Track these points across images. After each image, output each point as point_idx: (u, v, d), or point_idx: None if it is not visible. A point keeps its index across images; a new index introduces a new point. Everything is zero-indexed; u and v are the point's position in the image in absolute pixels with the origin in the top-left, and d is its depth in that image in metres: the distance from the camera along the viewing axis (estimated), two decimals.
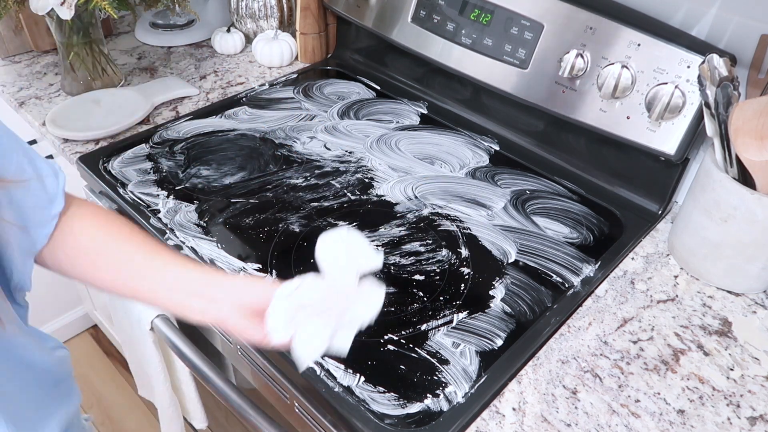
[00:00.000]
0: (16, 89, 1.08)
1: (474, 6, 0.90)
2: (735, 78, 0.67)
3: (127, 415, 1.54)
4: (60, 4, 0.87)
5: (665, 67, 0.75)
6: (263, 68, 1.18)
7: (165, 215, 0.79)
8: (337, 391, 0.58)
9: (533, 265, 0.75)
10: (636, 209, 0.85)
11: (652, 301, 0.72)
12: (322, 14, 1.15)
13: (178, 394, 0.91)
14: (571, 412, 0.59)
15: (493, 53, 0.90)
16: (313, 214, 0.81)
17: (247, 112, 1.03)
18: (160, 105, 1.04)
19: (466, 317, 0.67)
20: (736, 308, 0.71)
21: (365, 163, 0.91)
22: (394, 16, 1.01)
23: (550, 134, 0.93)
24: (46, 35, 1.18)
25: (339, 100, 1.07)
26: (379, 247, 0.74)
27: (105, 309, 1.40)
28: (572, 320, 0.69)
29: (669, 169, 0.82)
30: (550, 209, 0.84)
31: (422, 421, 0.56)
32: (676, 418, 0.59)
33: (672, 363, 0.64)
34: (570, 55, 0.81)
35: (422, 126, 1.01)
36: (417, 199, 0.84)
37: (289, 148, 0.94)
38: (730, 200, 0.68)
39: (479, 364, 0.62)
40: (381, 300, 0.48)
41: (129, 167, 0.88)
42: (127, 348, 0.96)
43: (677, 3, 0.78)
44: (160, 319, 0.77)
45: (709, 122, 0.69)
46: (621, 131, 0.81)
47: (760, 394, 0.61)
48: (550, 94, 0.85)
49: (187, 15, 1.28)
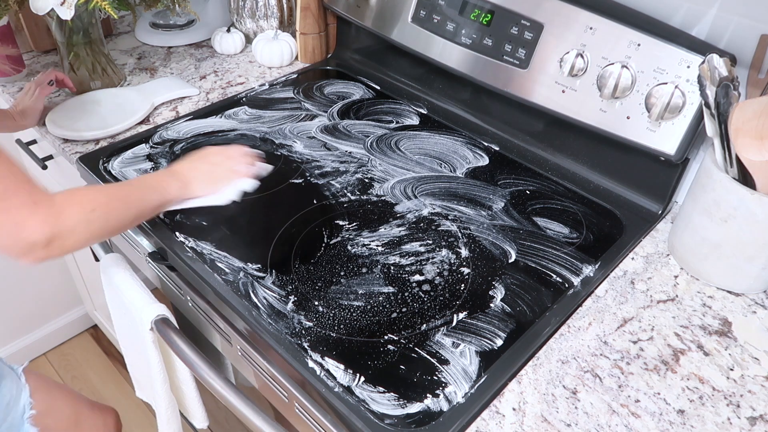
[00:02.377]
0: (16, 89, 1.08)
1: (474, 6, 0.90)
2: (735, 78, 0.67)
3: (126, 415, 1.53)
4: (60, 4, 0.87)
5: (665, 67, 0.75)
6: (263, 68, 1.18)
7: (165, 215, 0.79)
8: (337, 391, 0.58)
9: (533, 265, 0.75)
10: (636, 209, 0.85)
11: (652, 301, 0.72)
12: (322, 14, 1.15)
13: (178, 394, 0.91)
14: (571, 412, 0.59)
15: (493, 53, 0.90)
16: (314, 215, 0.81)
17: (247, 112, 1.03)
18: (160, 105, 1.04)
19: (466, 317, 0.67)
20: (736, 308, 0.71)
21: (365, 163, 0.91)
22: (394, 16, 1.01)
23: (550, 134, 0.93)
24: (46, 35, 1.18)
25: (339, 100, 1.07)
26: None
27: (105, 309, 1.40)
28: (572, 320, 0.69)
29: (669, 169, 0.82)
30: (550, 209, 0.84)
31: (422, 421, 0.56)
32: (676, 418, 0.59)
33: (672, 363, 0.64)
34: (570, 55, 0.81)
35: (422, 126, 1.01)
36: (417, 199, 0.84)
37: (289, 148, 0.94)
38: (730, 200, 0.68)
39: (479, 364, 0.62)
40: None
41: (129, 167, 0.88)
42: (126, 348, 0.96)
43: (677, 3, 0.78)
44: (160, 319, 0.77)
45: (709, 122, 0.69)
46: (621, 131, 0.81)
47: (760, 394, 0.61)
48: (550, 94, 0.85)
49: (187, 15, 1.28)
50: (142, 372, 0.93)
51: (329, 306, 0.68)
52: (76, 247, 0.60)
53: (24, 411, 0.80)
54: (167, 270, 0.79)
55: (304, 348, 0.63)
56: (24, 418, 0.80)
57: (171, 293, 0.84)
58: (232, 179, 0.76)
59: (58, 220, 0.57)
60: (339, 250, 0.75)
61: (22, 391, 0.81)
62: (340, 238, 0.77)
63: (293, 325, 0.65)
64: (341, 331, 0.65)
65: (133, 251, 0.87)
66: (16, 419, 0.79)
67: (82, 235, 0.59)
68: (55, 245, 0.57)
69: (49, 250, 0.57)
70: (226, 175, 0.76)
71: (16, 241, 0.56)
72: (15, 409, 0.79)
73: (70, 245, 0.59)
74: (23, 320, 1.56)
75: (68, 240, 0.58)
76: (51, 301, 1.60)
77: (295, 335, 0.64)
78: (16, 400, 0.80)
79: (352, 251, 0.75)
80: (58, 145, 0.94)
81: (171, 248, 0.75)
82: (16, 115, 0.93)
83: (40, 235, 0.56)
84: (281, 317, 0.66)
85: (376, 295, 0.69)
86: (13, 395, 0.80)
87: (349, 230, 0.78)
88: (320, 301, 0.68)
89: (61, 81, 1.00)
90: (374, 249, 0.75)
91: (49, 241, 0.57)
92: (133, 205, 0.67)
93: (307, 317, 0.66)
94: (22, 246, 0.56)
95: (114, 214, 0.64)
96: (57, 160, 1.07)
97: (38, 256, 0.57)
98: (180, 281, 0.77)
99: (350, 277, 0.71)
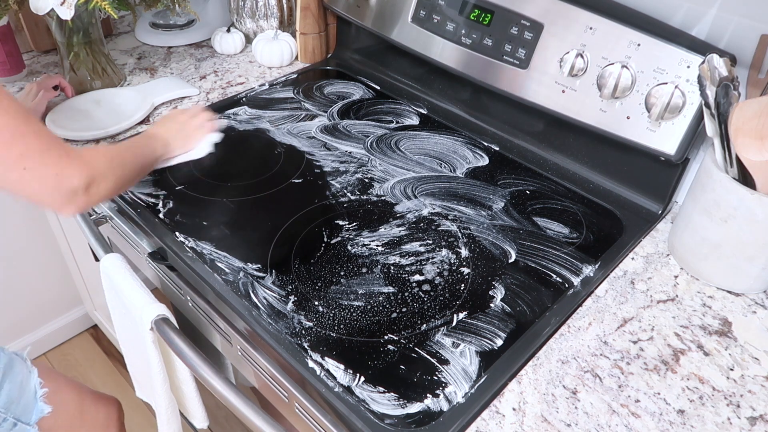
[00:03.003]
0: (16, 89, 1.08)
1: (474, 6, 0.90)
2: (735, 78, 0.67)
3: (126, 415, 1.53)
4: (60, 4, 0.87)
5: (665, 67, 0.75)
6: (263, 68, 1.18)
7: (165, 215, 0.79)
8: (337, 391, 0.58)
9: (533, 265, 0.75)
10: (636, 209, 0.85)
11: (652, 301, 0.72)
12: (322, 14, 1.15)
13: (178, 394, 0.91)
14: (571, 412, 0.59)
15: (493, 53, 0.90)
16: (313, 215, 0.81)
17: (247, 112, 1.03)
18: (160, 105, 1.04)
19: (466, 317, 0.67)
20: (736, 308, 0.71)
21: (365, 163, 0.91)
22: (394, 16, 1.01)
23: (550, 134, 0.93)
24: (46, 35, 1.18)
25: (339, 100, 1.07)
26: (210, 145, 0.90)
27: (105, 309, 1.40)
28: (572, 320, 0.69)
29: (669, 169, 0.82)
30: (550, 209, 0.84)
31: (422, 421, 0.56)
32: (676, 418, 0.59)
33: (672, 363, 0.64)
34: (570, 55, 0.81)
35: (422, 126, 1.01)
36: (417, 199, 0.84)
37: (289, 149, 0.94)
38: (730, 200, 0.68)
39: (479, 364, 0.62)
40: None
41: None
42: (126, 348, 0.96)
43: (677, 3, 0.78)
44: (160, 319, 0.77)
45: (709, 122, 0.69)
46: (621, 131, 0.81)
47: (760, 394, 0.61)
48: (550, 94, 0.85)
49: (187, 15, 1.28)
50: (142, 372, 0.93)
51: (329, 306, 0.68)
52: (109, 191, 0.68)
53: (35, 391, 0.83)
54: (167, 270, 0.79)
55: (304, 348, 0.63)
56: (37, 397, 0.82)
57: (171, 293, 0.83)
58: (203, 134, 0.88)
59: (91, 166, 0.65)
60: (339, 250, 0.75)
61: (31, 372, 0.84)
62: (340, 238, 0.77)
63: (293, 325, 0.65)
64: (341, 331, 0.65)
65: (133, 251, 0.87)
66: (29, 399, 0.81)
67: (111, 179, 0.68)
68: (92, 190, 0.65)
69: (88, 195, 0.65)
70: (196, 131, 0.88)
71: (59, 190, 0.62)
72: (27, 389, 0.82)
73: (104, 189, 0.67)
74: (23, 320, 1.56)
75: (101, 184, 0.66)
76: (51, 301, 1.60)
77: (295, 335, 0.64)
78: (27, 380, 0.82)
79: (352, 251, 0.75)
80: None
81: (171, 248, 0.75)
82: None
83: (79, 180, 0.63)
84: (281, 317, 0.66)
85: (376, 295, 0.69)
86: (25, 375, 0.82)
87: (349, 230, 0.78)
88: (320, 301, 0.68)
89: (64, 88, 1.02)
90: (374, 249, 0.76)
91: (88, 185, 0.64)
92: (138, 158, 0.76)
93: (307, 317, 0.66)
94: (65, 193, 0.63)
95: (128, 164, 0.73)
96: None
97: (80, 203, 0.64)
98: (180, 281, 0.77)
99: (350, 277, 0.71)
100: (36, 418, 0.81)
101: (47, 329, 1.63)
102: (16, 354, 0.84)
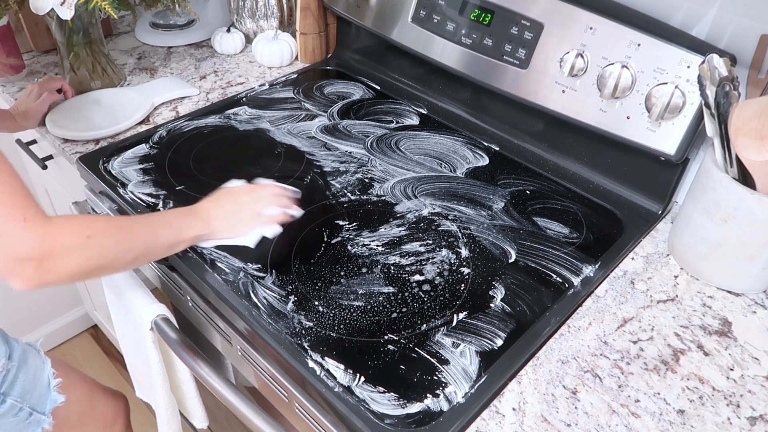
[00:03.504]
0: (16, 89, 1.08)
1: (474, 6, 0.90)
2: (735, 78, 0.67)
3: None
4: (60, 4, 0.87)
5: (665, 67, 0.75)
6: (263, 68, 1.18)
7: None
8: (337, 391, 0.58)
9: (533, 265, 0.75)
10: (636, 209, 0.85)
11: (652, 301, 0.72)
12: (322, 14, 1.15)
13: (178, 394, 0.91)
14: (571, 412, 0.59)
15: (493, 53, 0.90)
16: (314, 215, 0.81)
17: (247, 112, 1.03)
18: (160, 105, 1.04)
19: (466, 317, 0.67)
20: (736, 308, 0.71)
21: (365, 163, 0.91)
22: (394, 16, 1.01)
23: (550, 134, 0.93)
24: (46, 35, 1.18)
25: (339, 100, 1.07)
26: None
27: (105, 309, 1.40)
28: (572, 320, 0.69)
29: (669, 169, 0.82)
30: (550, 209, 0.84)
31: (422, 421, 0.56)
32: (676, 418, 0.59)
33: (672, 363, 0.64)
34: (570, 55, 0.81)
35: (422, 126, 1.01)
36: (417, 199, 0.84)
37: (289, 149, 0.94)
38: (730, 200, 0.68)
39: (479, 364, 0.62)
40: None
41: (129, 167, 0.88)
42: (126, 348, 0.96)
43: (677, 3, 0.78)
44: (160, 319, 0.77)
45: (709, 122, 0.69)
46: (621, 131, 0.81)
47: (760, 394, 0.61)
48: (550, 94, 0.85)
49: (187, 15, 1.28)
50: (142, 372, 0.93)
51: (329, 306, 0.68)
52: (71, 273, 0.57)
53: (49, 381, 0.83)
54: (167, 270, 0.79)
55: (304, 348, 0.63)
56: (50, 387, 0.82)
57: (171, 293, 0.84)
58: (257, 224, 0.71)
59: (51, 238, 0.54)
60: (339, 250, 0.75)
61: (44, 363, 0.83)
62: (340, 238, 0.77)
63: (293, 325, 0.65)
64: (341, 331, 0.65)
65: None
66: (43, 389, 0.81)
67: (76, 260, 0.56)
68: (46, 266, 0.54)
69: (40, 271, 0.54)
70: (251, 218, 0.71)
71: (4, 255, 0.53)
72: (41, 379, 0.82)
73: (63, 268, 0.56)
74: (23, 320, 1.56)
75: (60, 262, 0.55)
76: (51, 301, 1.60)
77: (295, 335, 0.64)
78: (41, 371, 0.82)
79: (352, 251, 0.75)
80: (58, 145, 0.94)
81: None
82: (17, 115, 0.93)
83: (30, 250, 0.53)
84: (281, 317, 0.66)
85: (376, 295, 0.69)
86: (38, 366, 0.82)
87: (349, 230, 0.78)
88: (320, 301, 0.68)
89: (65, 92, 1.02)
90: (374, 249, 0.76)
91: (41, 259, 0.54)
92: (139, 238, 0.63)
93: (307, 317, 0.66)
94: (11, 261, 0.53)
95: (113, 245, 0.60)
96: (57, 160, 1.07)
97: (30, 277, 0.54)
98: (180, 281, 0.77)
99: (350, 277, 0.71)
100: (50, 407, 0.81)
101: (47, 329, 1.63)
102: (30, 345, 0.84)
